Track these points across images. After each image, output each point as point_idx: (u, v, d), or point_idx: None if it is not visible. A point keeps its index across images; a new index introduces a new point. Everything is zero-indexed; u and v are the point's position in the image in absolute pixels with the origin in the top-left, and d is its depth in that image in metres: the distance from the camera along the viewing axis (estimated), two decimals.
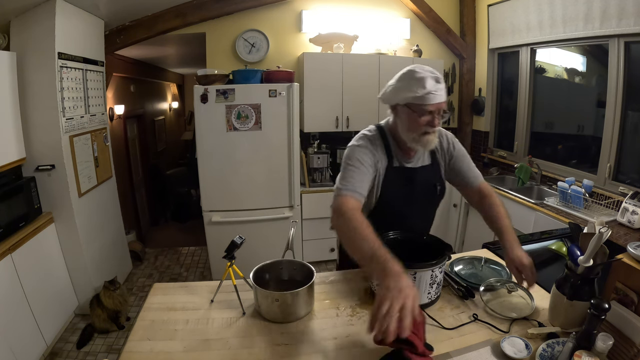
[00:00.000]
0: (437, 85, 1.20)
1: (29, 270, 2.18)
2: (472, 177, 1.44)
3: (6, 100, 2.16)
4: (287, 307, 1.15)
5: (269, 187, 3.00)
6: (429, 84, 1.19)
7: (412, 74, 1.22)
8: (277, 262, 1.33)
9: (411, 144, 1.29)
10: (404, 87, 1.24)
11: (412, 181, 1.38)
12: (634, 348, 0.96)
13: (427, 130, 1.24)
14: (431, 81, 1.19)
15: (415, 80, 1.21)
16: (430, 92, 1.19)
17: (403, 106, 1.26)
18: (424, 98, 1.20)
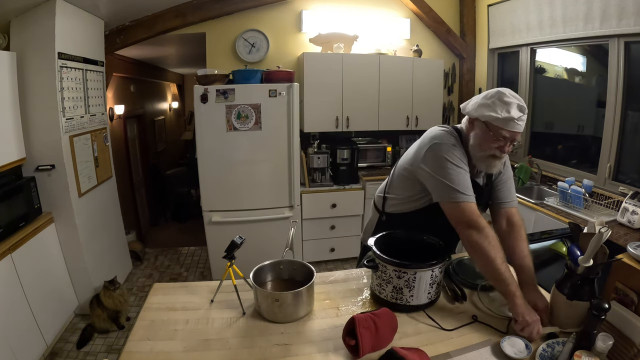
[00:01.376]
0: (520, 114, 1.20)
1: (29, 270, 2.18)
2: (508, 198, 1.42)
3: (6, 100, 2.16)
4: (287, 307, 1.15)
5: (269, 187, 3.00)
6: (513, 111, 1.19)
7: (502, 96, 1.22)
8: (277, 262, 1.33)
9: (476, 161, 1.30)
10: (488, 105, 1.23)
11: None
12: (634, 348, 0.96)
13: (495, 154, 1.25)
14: (516, 110, 1.19)
15: (502, 103, 1.21)
16: (512, 119, 1.19)
17: (482, 122, 1.26)
18: (504, 122, 1.20)
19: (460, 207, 1.22)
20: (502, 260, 1.15)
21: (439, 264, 1.17)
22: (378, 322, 1.03)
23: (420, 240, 1.33)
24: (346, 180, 3.43)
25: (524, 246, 1.30)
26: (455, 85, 4.11)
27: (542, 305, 1.14)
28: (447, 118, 4.12)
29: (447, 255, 1.20)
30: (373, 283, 1.26)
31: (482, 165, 1.30)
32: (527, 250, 1.30)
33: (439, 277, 1.21)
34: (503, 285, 1.13)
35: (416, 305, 1.18)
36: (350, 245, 3.54)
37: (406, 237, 1.34)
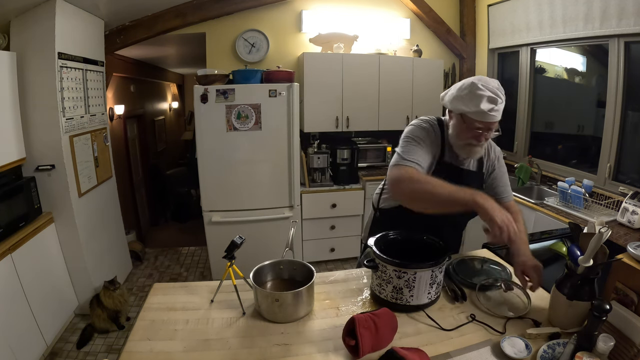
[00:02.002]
0: (491, 105, 1.22)
1: (29, 270, 2.18)
2: (504, 193, 1.48)
3: (6, 100, 2.16)
4: (287, 307, 1.15)
5: (269, 187, 3.00)
6: (483, 104, 1.22)
7: (474, 89, 1.24)
8: (277, 262, 1.33)
9: (457, 149, 1.37)
10: (461, 98, 1.27)
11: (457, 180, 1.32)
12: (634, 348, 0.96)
13: (471, 142, 1.31)
14: (487, 102, 1.22)
15: (474, 96, 1.23)
16: (482, 112, 1.22)
17: (457, 115, 1.32)
18: (476, 115, 1.24)
19: (396, 168, 1.28)
20: (439, 182, 1.17)
21: (439, 264, 1.17)
22: (378, 322, 1.03)
23: (420, 240, 1.33)
24: (346, 180, 3.43)
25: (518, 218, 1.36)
26: None
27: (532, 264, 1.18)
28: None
29: (447, 255, 1.20)
30: (373, 283, 1.26)
31: (462, 152, 1.36)
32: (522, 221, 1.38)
33: (439, 277, 1.21)
34: (459, 195, 1.13)
35: (416, 305, 1.18)
36: (350, 245, 3.54)
37: (406, 237, 1.34)
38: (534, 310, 1.20)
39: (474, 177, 1.45)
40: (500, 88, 1.26)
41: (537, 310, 1.20)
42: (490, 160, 1.48)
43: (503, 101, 1.25)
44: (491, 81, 1.26)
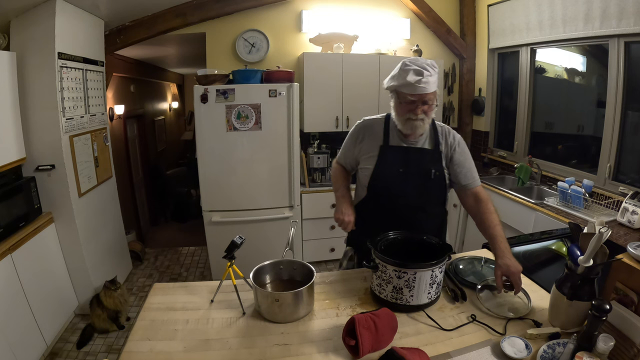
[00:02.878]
0: (418, 77, 1.30)
1: (29, 270, 2.18)
2: (470, 179, 1.48)
3: (6, 100, 2.16)
4: (287, 307, 1.15)
5: (269, 187, 3.00)
6: (410, 76, 1.31)
7: (402, 65, 1.36)
8: (277, 262, 1.33)
9: (401, 127, 1.44)
10: (393, 76, 1.39)
11: (406, 158, 1.47)
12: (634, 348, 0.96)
13: (410, 117, 1.38)
14: (413, 74, 1.31)
15: (401, 71, 1.34)
16: (409, 84, 1.31)
17: (393, 93, 1.42)
18: (405, 87, 1.33)
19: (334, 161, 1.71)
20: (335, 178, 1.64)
21: (439, 264, 1.17)
22: (378, 322, 1.03)
23: (420, 240, 1.33)
24: None
25: (493, 217, 1.39)
26: (455, 85, 4.11)
27: (515, 270, 1.20)
28: (447, 118, 4.12)
29: (447, 255, 1.20)
30: (373, 283, 1.26)
31: (405, 128, 1.43)
32: (497, 220, 1.39)
33: (439, 277, 1.21)
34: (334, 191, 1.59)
35: (416, 305, 1.18)
36: None
37: (406, 237, 1.34)
38: (535, 310, 1.20)
39: (428, 154, 1.48)
40: (431, 64, 1.34)
41: (537, 311, 1.20)
42: (448, 144, 1.49)
43: (432, 74, 1.33)
44: (421, 59, 1.36)
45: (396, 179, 1.46)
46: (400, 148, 1.48)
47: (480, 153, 3.98)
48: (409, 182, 1.46)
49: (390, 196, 1.48)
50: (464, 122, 4.12)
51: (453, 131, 1.54)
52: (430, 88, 1.33)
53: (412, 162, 1.46)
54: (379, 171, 1.49)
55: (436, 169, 1.46)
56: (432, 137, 1.49)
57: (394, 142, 1.49)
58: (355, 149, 1.57)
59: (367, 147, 1.53)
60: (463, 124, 4.13)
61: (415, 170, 1.46)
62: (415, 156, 1.47)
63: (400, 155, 1.47)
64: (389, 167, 1.47)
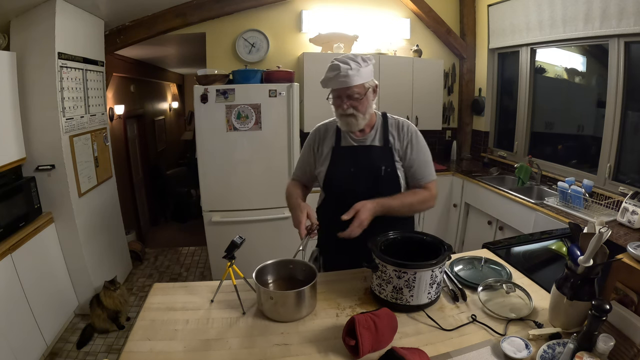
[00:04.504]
0: (335, 72, 1.31)
1: (29, 270, 2.18)
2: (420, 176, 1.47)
3: (6, 100, 2.16)
4: (289, 307, 1.15)
5: (269, 187, 2.99)
6: (327, 72, 1.34)
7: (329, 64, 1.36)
8: (280, 261, 1.34)
9: (340, 125, 1.45)
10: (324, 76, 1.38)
11: (356, 157, 1.47)
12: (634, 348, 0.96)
13: (342, 113, 1.38)
14: (330, 70, 1.33)
15: (327, 69, 1.35)
16: (328, 79, 1.34)
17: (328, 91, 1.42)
18: (329, 83, 1.36)
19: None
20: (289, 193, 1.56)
21: (439, 264, 1.17)
22: (378, 322, 1.03)
23: (420, 240, 1.33)
24: None
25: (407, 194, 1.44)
26: (455, 85, 4.11)
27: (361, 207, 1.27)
28: (447, 118, 4.12)
29: (447, 254, 1.20)
30: (373, 283, 1.26)
31: (341, 125, 1.43)
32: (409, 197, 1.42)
33: (439, 277, 1.21)
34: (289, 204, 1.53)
35: (416, 305, 1.18)
36: None
37: (406, 237, 1.34)
38: (535, 311, 1.20)
39: (377, 151, 1.47)
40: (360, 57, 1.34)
41: (538, 311, 1.20)
42: (401, 138, 1.47)
43: (354, 67, 1.31)
44: (350, 54, 1.36)
45: (348, 178, 1.46)
46: (350, 147, 1.48)
47: (480, 153, 3.98)
48: (361, 180, 1.45)
49: (344, 196, 1.44)
50: (464, 122, 4.12)
51: (408, 124, 1.50)
52: (352, 81, 1.32)
53: (361, 160, 1.46)
54: (332, 172, 1.49)
55: (386, 165, 1.45)
56: (382, 133, 1.47)
57: (345, 142, 1.49)
58: (312, 156, 1.57)
59: (322, 150, 1.54)
60: (463, 124, 4.13)
61: (365, 169, 1.45)
62: (364, 154, 1.46)
63: (350, 155, 1.47)
64: (340, 167, 1.48)
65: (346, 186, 1.47)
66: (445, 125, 4.09)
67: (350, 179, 1.46)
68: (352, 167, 1.46)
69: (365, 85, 1.37)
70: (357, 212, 1.28)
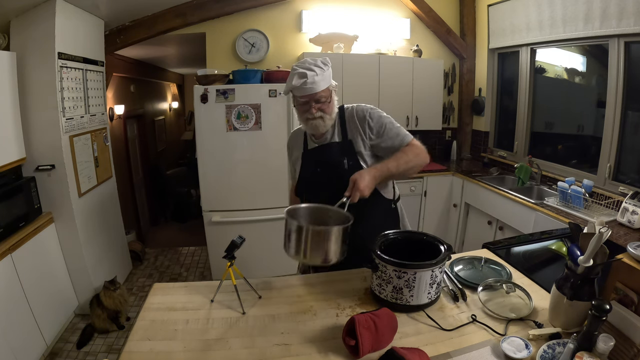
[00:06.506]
0: (303, 80, 1.32)
1: (29, 270, 2.18)
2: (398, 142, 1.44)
3: (6, 100, 2.16)
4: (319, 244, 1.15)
5: (269, 187, 2.99)
6: (294, 80, 1.33)
7: (291, 70, 1.37)
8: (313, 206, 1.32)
9: (304, 128, 1.49)
10: (286, 81, 1.39)
11: (319, 158, 1.49)
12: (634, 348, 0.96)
13: (307, 117, 1.39)
14: (297, 78, 1.33)
15: (290, 76, 1.36)
16: (295, 87, 1.34)
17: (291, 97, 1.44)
18: (295, 90, 1.36)
19: None
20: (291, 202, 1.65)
21: (439, 264, 1.17)
22: (378, 322, 1.03)
23: (420, 240, 1.33)
24: None
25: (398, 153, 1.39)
26: (455, 85, 4.11)
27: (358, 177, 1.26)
28: (447, 118, 4.12)
29: (447, 255, 1.20)
30: (373, 283, 1.26)
31: (308, 129, 1.45)
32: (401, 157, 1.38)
33: (439, 277, 1.21)
34: None
35: (416, 305, 1.18)
36: None
37: (406, 237, 1.34)
38: (535, 311, 1.20)
39: (337, 146, 1.47)
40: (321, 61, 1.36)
41: (538, 311, 1.20)
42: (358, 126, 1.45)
43: (319, 72, 1.33)
44: (310, 59, 1.37)
45: (315, 179, 1.50)
46: (313, 149, 1.51)
47: (480, 153, 3.98)
48: (326, 179, 1.47)
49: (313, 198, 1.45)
50: (464, 122, 4.12)
51: (361, 108, 1.48)
52: (319, 87, 1.35)
53: (325, 158, 1.48)
54: (302, 176, 1.54)
55: (349, 158, 1.44)
56: (340, 128, 1.48)
57: (311, 145, 1.53)
58: (290, 162, 1.65)
59: (295, 156, 1.60)
60: (463, 124, 4.13)
61: (328, 167, 1.47)
62: (326, 152, 1.48)
63: (314, 156, 1.51)
64: (307, 170, 1.52)
65: (315, 187, 1.51)
66: (445, 125, 4.09)
67: (317, 179, 1.50)
68: (318, 167, 1.50)
69: (329, 88, 1.40)
70: (354, 182, 1.26)
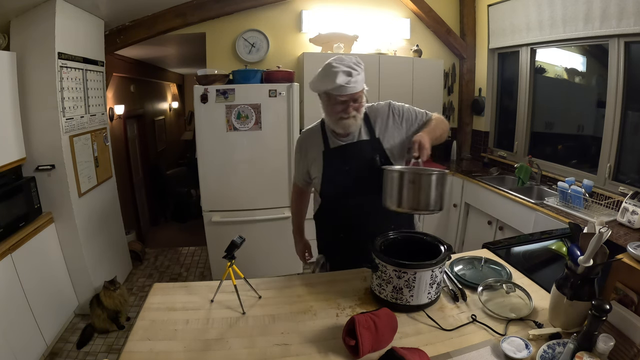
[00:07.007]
0: (348, 78, 1.33)
1: (29, 270, 2.18)
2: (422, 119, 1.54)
3: (6, 100, 2.16)
4: (420, 190, 1.20)
5: (269, 187, 3.00)
6: (339, 78, 1.32)
7: (329, 68, 1.35)
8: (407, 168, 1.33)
9: (332, 127, 1.47)
10: (322, 79, 1.38)
11: (349, 155, 1.49)
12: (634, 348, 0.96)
13: (342, 116, 1.40)
14: (342, 76, 1.32)
15: (330, 74, 1.34)
16: (340, 86, 1.33)
17: (322, 95, 1.44)
18: (337, 90, 1.34)
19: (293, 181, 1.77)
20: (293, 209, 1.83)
21: (439, 264, 1.17)
22: (378, 322, 1.03)
23: (420, 240, 1.33)
24: None
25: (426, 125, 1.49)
26: (455, 85, 4.11)
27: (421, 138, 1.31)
28: (447, 118, 4.11)
29: (447, 255, 1.20)
30: (373, 283, 1.26)
31: (338, 128, 1.44)
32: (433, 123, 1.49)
33: (439, 277, 1.21)
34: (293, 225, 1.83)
35: (416, 305, 1.18)
36: None
37: (406, 237, 1.34)
38: (535, 311, 1.20)
39: (367, 144, 1.49)
40: (357, 61, 1.37)
41: (538, 311, 1.20)
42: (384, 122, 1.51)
43: (360, 72, 1.36)
44: (346, 58, 1.37)
45: (344, 178, 1.48)
46: (340, 148, 1.50)
47: (480, 153, 3.98)
48: (356, 177, 1.47)
49: (342, 197, 1.49)
50: (464, 122, 4.12)
51: (381, 105, 1.54)
52: (359, 87, 1.37)
53: (354, 157, 1.48)
54: (327, 175, 1.51)
55: (380, 155, 1.47)
56: (366, 126, 1.50)
57: (334, 144, 1.51)
58: (303, 163, 1.61)
59: (311, 157, 1.56)
60: (463, 124, 4.13)
61: (359, 164, 1.47)
62: (355, 150, 1.48)
63: (341, 154, 1.49)
64: (334, 168, 1.50)
65: (343, 185, 1.48)
66: None
67: (346, 178, 1.48)
68: (347, 166, 1.48)
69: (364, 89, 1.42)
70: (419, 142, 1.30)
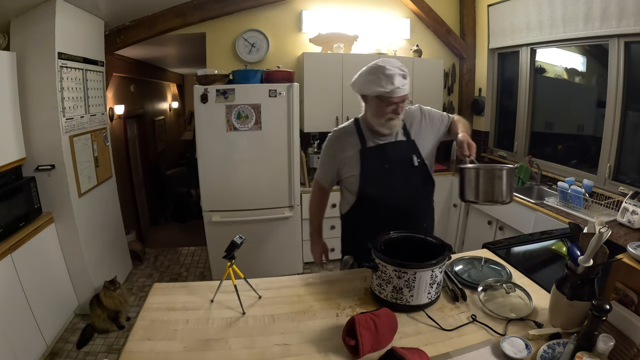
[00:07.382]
0: (404, 81, 1.40)
1: (29, 270, 2.18)
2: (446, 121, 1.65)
3: (6, 100, 2.16)
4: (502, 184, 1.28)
5: (269, 187, 3.00)
6: (397, 81, 1.38)
7: (383, 70, 1.39)
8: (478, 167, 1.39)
9: (378, 127, 1.50)
10: (374, 81, 1.42)
11: (387, 154, 1.54)
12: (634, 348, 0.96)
13: (392, 117, 1.46)
14: (399, 78, 1.38)
15: (385, 77, 1.38)
16: (398, 88, 1.38)
17: (373, 97, 1.46)
18: (392, 92, 1.39)
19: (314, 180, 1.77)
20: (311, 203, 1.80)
21: (439, 264, 1.17)
22: (378, 322, 1.03)
23: (420, 240, 1.33)
24: None
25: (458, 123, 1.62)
26: (455, 85, 4.11)
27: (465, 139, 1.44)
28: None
29: (447, 255, 1.20)
30: (373, 283, 1.26)
31: (385, 129, 1.50)
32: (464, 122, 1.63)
33: (439, 277, 1.21)
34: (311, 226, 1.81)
35: (416, 305, 1.18)
36: None
37: (406, 237, 1.34)
38: (535, 311, 1.20)
39: (405, 144, 1.56)
40: (401, 64, 1.44)
41: (538, 312, 1.20)
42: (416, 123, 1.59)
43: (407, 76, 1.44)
44: (392, 61, 1.44)
45: (383, 176, 1.52)
46: (378, 147, 1.54)
47: (480, 153, 3.98)
48: (395, 176, 1.52)
49: (380, 195, 1.53)
50: None
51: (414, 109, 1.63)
52: (408, 89, 1.45)
53: (393, 155, 1.53)
54: (366, 173, 1.54)
55: (417, 155, 1.55)
56: (402, 128, 1.57)
57: (371, 143, 1.55)
58: (334, 162, 1.61)
59: (346, 156, 1.57)
60: None
61: (398, 163, 1.53)
62: (394, 150, 1.54)
63: (380, 153, 1.54)
64: (373, 166, 1.53)
65: (381, 183, 1.52)
66: None
67: (385, 175, 1.52)
68: (386, 164, 1.52)
69: None
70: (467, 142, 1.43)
